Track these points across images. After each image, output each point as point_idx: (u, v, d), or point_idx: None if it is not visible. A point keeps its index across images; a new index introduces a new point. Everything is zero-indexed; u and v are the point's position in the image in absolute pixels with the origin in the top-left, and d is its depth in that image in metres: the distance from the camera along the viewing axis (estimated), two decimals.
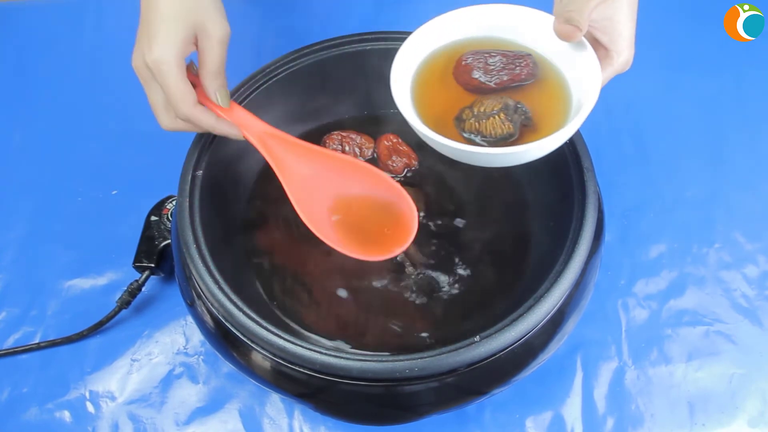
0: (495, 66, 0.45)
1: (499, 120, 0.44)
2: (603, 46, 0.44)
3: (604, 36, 0.43)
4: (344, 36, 0.59)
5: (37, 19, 0.83)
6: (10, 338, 0.60)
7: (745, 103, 0.73)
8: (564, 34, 0.42)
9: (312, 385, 0.45)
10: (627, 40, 0.43)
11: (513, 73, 0.45)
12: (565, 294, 0.46)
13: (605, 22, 0.43)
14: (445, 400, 0.47)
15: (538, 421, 0.55)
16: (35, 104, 0.76)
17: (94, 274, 0.63)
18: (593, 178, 0.50)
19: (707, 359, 0.57)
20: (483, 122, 0.44)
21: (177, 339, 0.60)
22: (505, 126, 0.44)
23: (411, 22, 0.49)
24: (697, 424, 0.54)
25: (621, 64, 0.44)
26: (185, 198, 0.50)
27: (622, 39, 0.43)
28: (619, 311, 0.60)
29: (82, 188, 0.69)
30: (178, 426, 0.55)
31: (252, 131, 0.49)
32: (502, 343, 0.43)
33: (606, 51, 0.44)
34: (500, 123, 0.44)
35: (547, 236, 0.53)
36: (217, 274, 0.47)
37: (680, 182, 0.67)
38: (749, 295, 0.60)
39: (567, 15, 0.42)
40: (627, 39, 0.43)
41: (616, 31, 0.43)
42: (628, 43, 0.44)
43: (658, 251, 0.63)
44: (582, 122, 0.41)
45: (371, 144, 0.60)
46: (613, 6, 0.42)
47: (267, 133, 0.50)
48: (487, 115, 0.44)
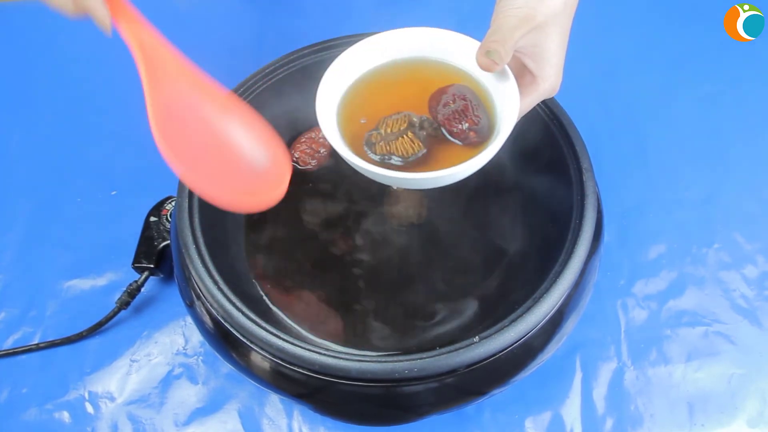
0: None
1: (408, 139, 0.45)
2: (530, 72, 0.44)
3: (531, 62, 0.44)
4: (344, 36, 0.59)
5: (37, 19, 0.83)
6: (10, 339, 0.60)
7: (745, 103, 0.73)
8: (484, 66, 0.42)
9: (311, 386, 0.45)
10: (554, 67, 0.43)
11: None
12: (564, 294, 0.46)
13: (533, 48, 0.43)
14: (444, 401, 0.47)
15: (537, 421, 0.55)
16: (35, 104, 0.76)
17: (93, 275, 0.63)
18: (592, 178, 0.50)
19: (707, 359, 0.57)
20: (393, 143, 0.44)
21: (176, 339, 0.60)
22: (415, 144, 0.44)
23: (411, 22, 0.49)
24: (697, 424, 0.54)
25: (546, 91, 0.44)
26: (184, 199, 0.50)
27: (549, 66, 0.43)
28: (619, 312, 0.60)
29: (82, 189, 0.69)
30: (178, 426, 0.55)
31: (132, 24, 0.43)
32: (501, 343, 0.43)
33: (532, 77, 0.44)
34: (410, 142, 0.45)
35: (546, 236, 0.53)
36: (216, 274, 0.47)
37: (680, 182, 0.67)
38: (748, 296, 0.60)
39: (489, 47, 0.41)
40: (554, 66, 0.43)
41: (544, 59, 0.43)
42: (555, 70, 0.43)
43: (657, 252, 0.63)
44: (497, 149, 0.41)
45: None
46: (543, 33, 0.42)
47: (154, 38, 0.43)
48: (395, 135, 0.45)
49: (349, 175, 0.59)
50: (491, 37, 0.42)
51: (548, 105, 0.53)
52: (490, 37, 0.42)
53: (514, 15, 0.41)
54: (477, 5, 0.74)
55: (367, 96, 0.48)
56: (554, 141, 0.53)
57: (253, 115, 0.45)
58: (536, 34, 0.42)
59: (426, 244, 0.55)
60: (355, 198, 0.58)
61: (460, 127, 0.44)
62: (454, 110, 0.44)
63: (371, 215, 0.57)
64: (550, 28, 0.42)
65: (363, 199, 0.57)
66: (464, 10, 0.75)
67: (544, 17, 0.41)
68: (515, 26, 0.41)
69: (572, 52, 0.82)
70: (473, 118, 0.44)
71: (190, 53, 0.46)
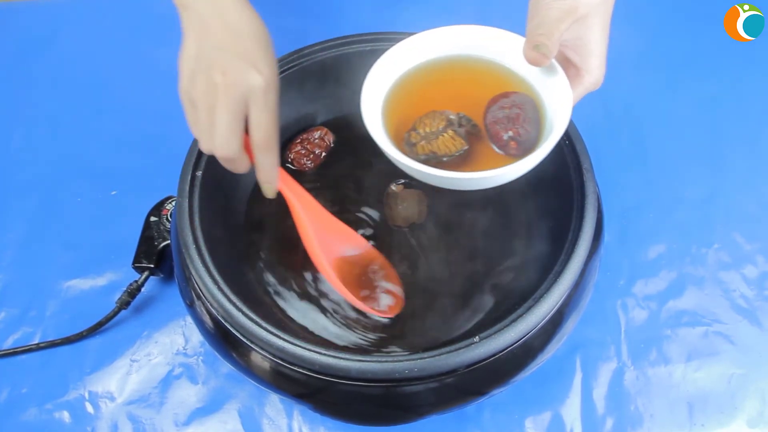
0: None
1: (449, 137, 0.44)
2: (574, 65, 0.44)
3: (575, 55, 0.43)
4: (344, 36, 0.59)
5: (37, 19, 0.83)
6: (10, 338, 0.60)
7: (744, 103, 0.73)
8: (532, 60, 0.42)
9: (311, 386, 0.46)
10: (598, 59, 0.43)
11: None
12: (564, 294, 0.46)
13: (576, 41, 0.42)
14: (444, 401, 0.47)
15: (537, 421, 0.55)
16: (35, 104, 0.76)
17: (93, 275, 0.63)
18: (592, 178, 0.50)
19: (706, 359, 0.57)
20: (434, 142, 0.44)
21: (176, 339, 0.60)
22: (456, 142, 0.44)
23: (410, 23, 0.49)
24: (697, 424, 0.55)
25: (591, 84, 0.44)
26: (185, 198, 0.50)
27: (593, 58, 0.43)
28: (619, 312, 0.60)
29: (82, 189, 0.69)
30: (178, 426, 0.55)
31: (290, 188, 0.49)
32: (501, 343, 0.43)
33: (576, 70, 0.44)
34: (450, 140, 0.44)
35: (546, 236, 0.53)
36: (216, 274, 0.47)
37: (679, 182, 0.67)
38: (748, 296, 0.60)
39: (536, 40, 0.41)
40: (598, 58, 0.43)
41: (587, 51, 0.43)
42: (599, 62, 0.43)
43: (657, 252, 0.63)
44: (553, 145, 0.41)
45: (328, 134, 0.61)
46: (585, 25, 0.41)
47: (297, 194, 0.49)
48: (435, 134, 0.44)
49: (345, 174, 0.59)
50: (537, 30, 0.41)
51: None
52: (535, 30, 0.41)
53: (557, 7, 0.40)
54: (477, 5, 0.74)
55: (410, 94, 0.47)
56: None
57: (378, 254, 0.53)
58: (579, 26, 0.41)
59: (425, 244, 0.55)
60: (352, 198, 0.58)
61: (503, 134, 0.43)
62: (506, 116, 0.43)
63: (370, 215, 0.57)
64: (593, 19, 0.41)
65: (360, 199, 0.58)
66: (464, 10, 0.75)
67: (586, 8, 0.41)
68: (559, 18, 0.40)
69: None
70: (520, 129, 0.43)
71: None
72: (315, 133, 0.60)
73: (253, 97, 0.42)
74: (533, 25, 0.41)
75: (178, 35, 0.44)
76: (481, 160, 0.45)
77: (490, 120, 0.44)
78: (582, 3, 0.40)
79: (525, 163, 0.41)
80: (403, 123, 0.46)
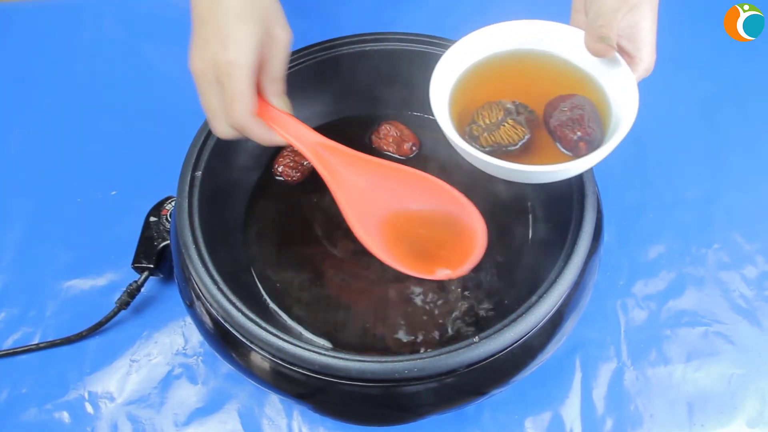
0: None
1: (511, 126, 0.45)
2: (627, 53, 0.44)
3: (629, 44, 0.44)
4: (344, 36, 0.59)
5: (37, 19, 0.83)
6: (9, 339, 0.60)
7: (744, 103, 0.73)
8: (597, 52, 0.43)
9: (311, 386, 0.45)
10: (650, 46, 0.44)
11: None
12: (564, 294, 0.46)
13: (630, 29, 0.43)
14: (444, 401, 0.47)
15: (537, 421, 0.55)
16: (35, 104, 0.76)
17: (93, 275, 0.63)
18: (592, 178, 0.50)
19: (706, 360, 0.57)
20: (496, 133, 0.44)
21: (176, 340, 0.60)
22: (518, 130, 0.45)
23: (410, 23, 0.49)
24: (696, 424, 0.54)
25: (644, 70, 0.45)
26: (184, 199, 0.50)
27: (645, 45, 0.44)
28: (618, 312, 0.60)
29: (82, 189, 0.68)
30: (177, 426, 0.55)
31: (304, 142, 0.46)
32: (501, 343, 0.43)
33: (630, 58, 0.44)
34: (512, 129, 0.45)
35: (545, 237, 0.53)
36: (216, 274, 0.47)
37: (679, 183, 0.67)
38: (748, 296, 0.60)
39: (599, 32, 0.42)
40: (650, 45, 0.44)
41: (640, 38, 0.43)
42: (651, 49, 0.44)
43: (657, 252, 0.63)
44: (622, 138, 0.42)
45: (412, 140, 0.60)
46: (639, 13, 0.42)
47: (321, 144, 0.47)
48: (496, 125, 0.44)
49: None
50: (596, 21, 0.42)
51: None
52: (595, 22, 0.42)
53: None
54: (477, 5, 0.74)
55: (472, 88, 0.48)
56: None
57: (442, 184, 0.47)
58: (632, 15, 0.42)
59: None
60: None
61: (572, 136, 0.44)
62: (570, 118, 0.44)
63: None
64: (644, 7, 0.42)
65: None
66: (464, 10, 0.75)
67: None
68: (616, 8, 0.41)
69: None
70: (587, 128, 0.43)
71: None
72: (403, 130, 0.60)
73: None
74: (592, 17, 0.42)
75: (177, 35, 0.44)
76: (543, 148, 0.45)
77: (555, 123, 0.45)
78: None
79: (595, 155, 0.41)
80: (464, 117, 0.46)
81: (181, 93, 0.50)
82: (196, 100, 0.45)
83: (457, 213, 0.47)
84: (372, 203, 0.47)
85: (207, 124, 0.54)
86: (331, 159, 0.47)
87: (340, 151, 0.47)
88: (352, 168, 0.47)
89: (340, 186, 0.47)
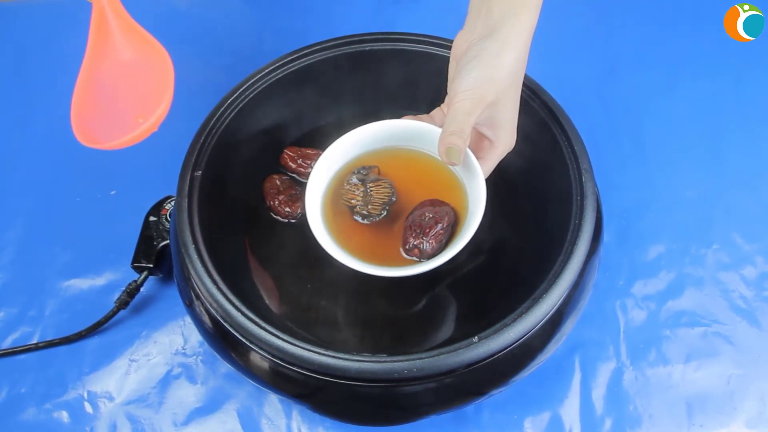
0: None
1: (374, 185, 0.50)
2: (488, 138, 0.47)
3: (488, 131, 0.46)
4: (344, 36, 0.59)
5: (37, 19, 0.83)
6: (9, 338, 0.60)
7: (744, 103, 0.73)
8: (446, 162, 0.45)
9: (310, 386, 0.46)
10: (508, 131, 0.47)
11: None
12: (563, 295, 0.46)
13: (489, 120, 0.45)
14: (443, 401, 0.47)
15: (536, 421, 0.55)
16: (35, 104, 0.76)
17: (92, 275, 0.63)
18: (592, 178, 0.50)
19: (705, 360, 0.57)
20: (372, 199, 0.49)
21: (175, 339, 0.60)
22: (383, 186, 0.50)
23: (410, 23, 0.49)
24: (695, 424, 0.54)
25: (503, 151, 0.47)
26: (184, 198, 0.50)
27: (504, 132, 0.46)
28: (618, 312, 0.60)
29: (81, 188, 0.68)
30: (176, 426, 0.55)
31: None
32: (500, 343, 0.43)
33: (490, 142, 0.47)
34: (379, 187, 0.50)
35: (545, 237, 0.53)
36: (215, 274, 0.47)
37: (679, 183, 0.67)
38: (747, 297, 0.60)
39: (447, 142, 0.43)
40: (508, 131, 0.47)
41: (499, 127, 0.46)
42: (509, 133, 0.47)
43: (656, 252, 0.63)
44: (473, 232, 0.45)
45: None
46: (496, 109, 0.44)
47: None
48: (365, 195, 0.49)
49: None
50: (449, 128, 0.43)
51: (548, 106, 0.53)
52: (448, 128, 0.44)
53: (467, 98, 0.43)
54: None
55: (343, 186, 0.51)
56: (554, 142, 0.53)
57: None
58: (490, 110, 0.44)
59: None
60: None
61: (410, 240, 0.47)
62: (419, 223, 0.47)
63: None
64: (501, 102, 0.44)
65: None
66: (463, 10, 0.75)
67: (494, 95, 0.43)
68: (469, 111, 0.43)
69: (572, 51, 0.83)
70: (426, 242, 0.47)
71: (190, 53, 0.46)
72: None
73: None
74: (447, 119, 0.44)
75: (176, 35, 0.44)
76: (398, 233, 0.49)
77: (408, 222, 0.48)
78: (490, 91, 0.43)
79: (422, 266, 0.45)
80: (339, 210, 0.50)
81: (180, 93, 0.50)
82: (195, 100, 0.45)
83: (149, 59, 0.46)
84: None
85: (207, 124, 0.54)
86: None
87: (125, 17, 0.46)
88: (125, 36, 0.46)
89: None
